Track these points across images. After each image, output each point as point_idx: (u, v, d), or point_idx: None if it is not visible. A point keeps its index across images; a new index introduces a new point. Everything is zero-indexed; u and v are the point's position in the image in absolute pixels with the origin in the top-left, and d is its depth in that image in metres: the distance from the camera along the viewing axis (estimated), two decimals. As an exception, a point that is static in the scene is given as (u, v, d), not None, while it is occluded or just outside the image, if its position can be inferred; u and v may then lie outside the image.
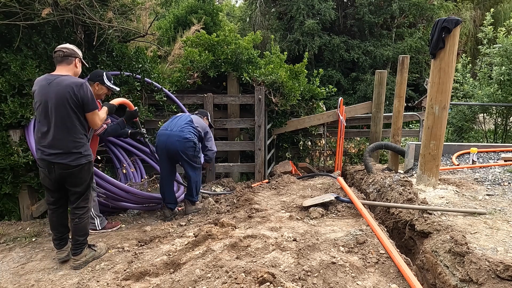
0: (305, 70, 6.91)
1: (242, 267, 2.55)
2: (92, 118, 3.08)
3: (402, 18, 15.55)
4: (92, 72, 3.76)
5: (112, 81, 3.74)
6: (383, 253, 2.75)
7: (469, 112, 8.89)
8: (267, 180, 5.99)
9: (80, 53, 3.17)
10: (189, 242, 3.24)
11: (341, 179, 4.70)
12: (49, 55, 4.55)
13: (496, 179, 4.48)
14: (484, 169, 5.02)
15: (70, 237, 3.21)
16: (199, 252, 2.99)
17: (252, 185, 5.56)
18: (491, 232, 3.05)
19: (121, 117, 4.07)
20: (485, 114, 8.95)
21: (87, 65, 3.34)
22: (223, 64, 6.25)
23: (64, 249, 3.21)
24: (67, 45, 3.11)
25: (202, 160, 4.65)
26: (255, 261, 2.67)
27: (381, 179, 4.78)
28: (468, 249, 2.61)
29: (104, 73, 3.66)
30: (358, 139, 7.63)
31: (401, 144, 6.20)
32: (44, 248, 3.59)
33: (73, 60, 3.08)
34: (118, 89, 3.85)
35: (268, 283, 2.30)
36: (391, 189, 4.31)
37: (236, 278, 2.40)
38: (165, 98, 5.82)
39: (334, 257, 2.65)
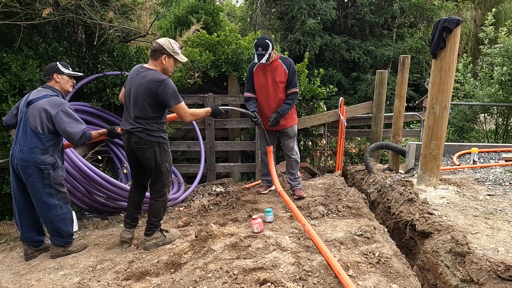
0: (306, 70, 6.90)
1: (243, 267, 2.55)
2: (177, 112, 3.16)
3: (403, 18, 15.53)
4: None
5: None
6: (384, 253, 2.75)
7: (470, 112, 8.88)
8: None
9: (169, 48, 3.12)
10: (189, 242, 3.24)
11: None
12: (50, 55, 4.56)
13: (497, 179, 4.47)
14: (485, 169, 5.01)
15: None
16: (200, 252, 2.99)
17: (252, 185, 5.55)
18: (492, 232, 3.05)
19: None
20: (486, 114, 8.94)
21: (183, 60, 3.26)
22: (223, 64, 6.25)
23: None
24: (160, 40, 3.16)
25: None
26: (256, 261, 2.66)
27: (382, 179, 4.78)
28: (469, 249, 2.61)
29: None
30: (359, 139, 7.62)
31: (402, 144, 6.19)
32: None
33: (159, 56, 3.12)
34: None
35: (268, 283, 2.29)
36: (391, 189, 4.31)
37: (236, 278, 2.40)
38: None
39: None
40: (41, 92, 3.16)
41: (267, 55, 3.83)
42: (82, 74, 3.55)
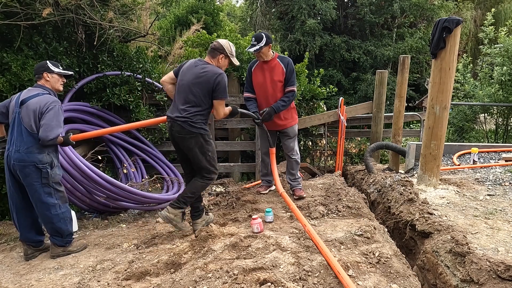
0: (306, 70, 6.90)
1: (243, 267, 2.55)
2: (218, 107, 3.33)
3: (403, 18, 15.54)
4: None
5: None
6: (384, 253, 2.75)
7: (470, 112, 8.89)
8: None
9: (228, 50, 3.37)
10: (189, 241, 3.24)
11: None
12: (50, 55, 4.56)
13: (497, 179, 4.47)
14: (485, 169, 5.01)
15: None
16: (200, 252, 2.99)
17: (252, 185, 5.55)
18: (492, 232, 3.05)
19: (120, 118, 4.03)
20: (486, 114, 8.95)
21: (236, 63, 3.49)
22: (223, 64, 6.24)
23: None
24: (221, 40, 3.42)
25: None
26: (256, 261, 2.67)
27: (382, 179, 4.78)
28: (469, 249, 2.61)
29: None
30: (359, 139, 7.61)
31: (402, 144, 6.20)
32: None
33: (217, 54, 3.36)
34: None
35: (268, 283, 2.29)
36: (391, 189, 4.31)
37: (236, 278, 2.40)
38: (166, 98, 5.82)
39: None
40: (32, 91, 3.14)
41: (257, 47, 3.91)
42: (72, 73, 3.50)
